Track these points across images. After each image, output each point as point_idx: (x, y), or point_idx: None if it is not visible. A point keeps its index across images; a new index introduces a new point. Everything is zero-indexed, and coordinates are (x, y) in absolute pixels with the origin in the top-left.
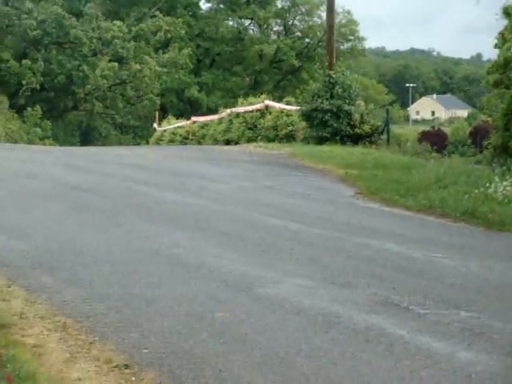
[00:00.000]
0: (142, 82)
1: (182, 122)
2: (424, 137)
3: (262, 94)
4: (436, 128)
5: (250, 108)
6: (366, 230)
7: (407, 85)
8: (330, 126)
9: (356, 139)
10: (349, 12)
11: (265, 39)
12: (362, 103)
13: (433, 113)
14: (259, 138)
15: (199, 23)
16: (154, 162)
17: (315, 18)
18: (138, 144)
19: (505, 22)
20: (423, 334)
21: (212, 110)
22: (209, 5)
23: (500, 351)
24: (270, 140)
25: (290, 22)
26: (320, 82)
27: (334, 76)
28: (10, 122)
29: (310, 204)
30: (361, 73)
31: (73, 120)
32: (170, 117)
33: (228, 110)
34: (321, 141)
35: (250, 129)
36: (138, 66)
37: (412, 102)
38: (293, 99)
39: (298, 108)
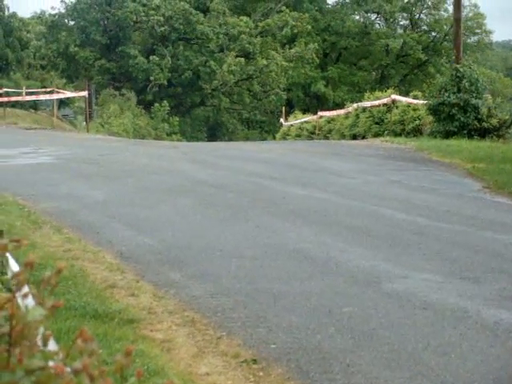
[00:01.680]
0: (269, 77)
1: (309, 117)
2: None
3: (388, 88)
4: None
5: (376, 102)
6: (493, 225)
7: None
8: (458, 119)
9: (483, 133)
10: (475, 5)
11: (391, 33)
12: (489, 97)
13: None
14: (386, 132)
15: (325, 17)
16: (280, 157)
17: (442, 12)
18: (265, 139)
19: None
20: None
21: (338, 105)
22: None
23: None
24: (396, 134)
25: (416, 16)
26: (447, 75)
27: (461, 70)
28: (138, 118)
29: (437, 198)
30: (488, 66)
31: (200, 115)
32: (296, 111)
33: (355, 105)
34: (448, 135)
35: (376, 123)
36: (264, 61)
37: None
38: (420, 93)
39: (425, 102)
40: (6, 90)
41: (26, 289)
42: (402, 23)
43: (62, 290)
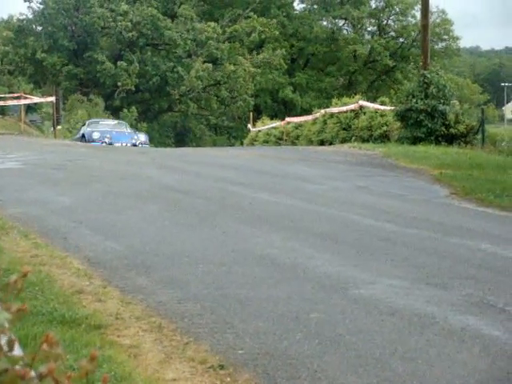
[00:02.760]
0: (237, 83)
1: (276, 123)
2: None
3: (356, 94)
4: None
5: (344, 108)
6: (460, 231)
7: (502, 84)
8: (425, 126)
9: (451, 139)
10: (443, 11)
11: (359, 39)
12: (457, 103)
13: None
14: (353, 138)
15: (293, 23)
16: (248, 163)
17: (409, 18)
18: (233, 145)
19: None
20: None
21: (306, 111)
22: (302, 5)
23: None
24: (364, 140)
25: (384, 22)
26: (414, 81)
27: (428, 76)
28: None
29: (405, 204)
30: (455, 72)
31: (168, 121)
32: (264, 117)
33: (322, 111)
34: (415, 141)
35: (344, 129)
36: (232, 67)
37: (507, 102)
38: (387, 99)
39: (393, 108)
40: None
41: None
42: (369, 29)
43: (29, 295)
